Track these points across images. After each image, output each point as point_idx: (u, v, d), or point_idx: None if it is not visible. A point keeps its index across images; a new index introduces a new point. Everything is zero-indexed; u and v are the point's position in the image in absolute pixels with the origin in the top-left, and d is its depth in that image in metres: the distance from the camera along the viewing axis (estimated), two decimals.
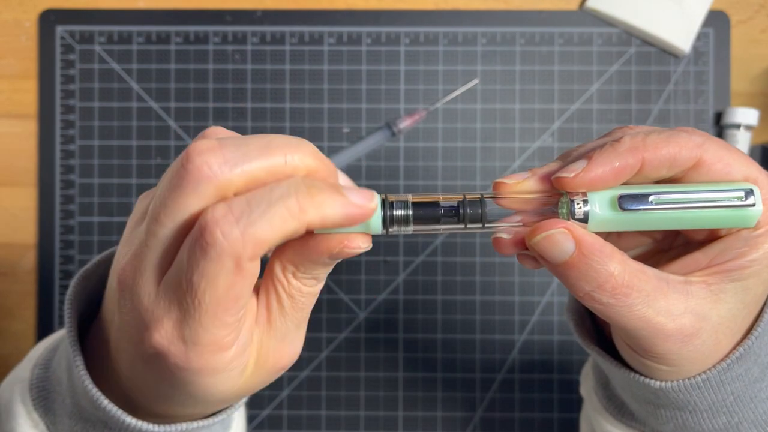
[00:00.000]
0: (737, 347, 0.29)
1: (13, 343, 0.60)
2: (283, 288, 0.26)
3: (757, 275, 0.27)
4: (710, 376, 0.29)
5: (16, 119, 0.61)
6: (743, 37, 0.60)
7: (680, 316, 0.27)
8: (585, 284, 0.26)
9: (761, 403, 0.31)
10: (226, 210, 0.22)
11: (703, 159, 0.26)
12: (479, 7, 0.61)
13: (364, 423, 0.59)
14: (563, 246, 0.25)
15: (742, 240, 0.27)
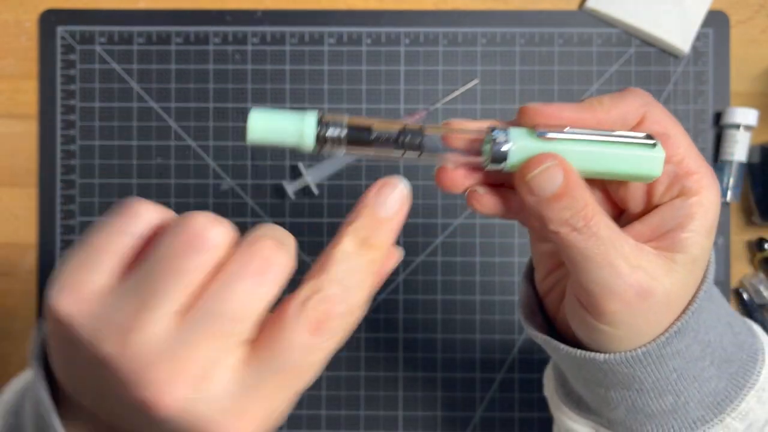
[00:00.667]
0: (676, 322, 0.30)
1: (13, 343, 0.60)
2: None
3: (699, 245, 0.29)
4: (650, 349, 0.30)
5: (17, 119, 0.61)
6: (743, 37, 0.60)
7: (637, 269, 0.28)
8: (565, 212, 0.27)
9: (705, 382, 0.31)
10: (327, 296, 0.25)
11: (645, 116, 0.29)
12: (479, 7, 0.61)
13: (364, 423, 0.59)
14: (555, 178, 0.27)
15: (677, 208, 0.29)
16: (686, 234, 0.29)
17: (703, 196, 0.29)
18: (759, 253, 0.59)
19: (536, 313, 0.35)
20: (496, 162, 0.28)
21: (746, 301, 0.59)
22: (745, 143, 0.58)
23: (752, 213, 0.59)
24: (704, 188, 0.29)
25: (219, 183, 0.60)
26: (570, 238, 0.28)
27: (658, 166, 0.28)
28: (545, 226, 0.28)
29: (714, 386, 0.32)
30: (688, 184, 0.29)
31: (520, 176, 0.28)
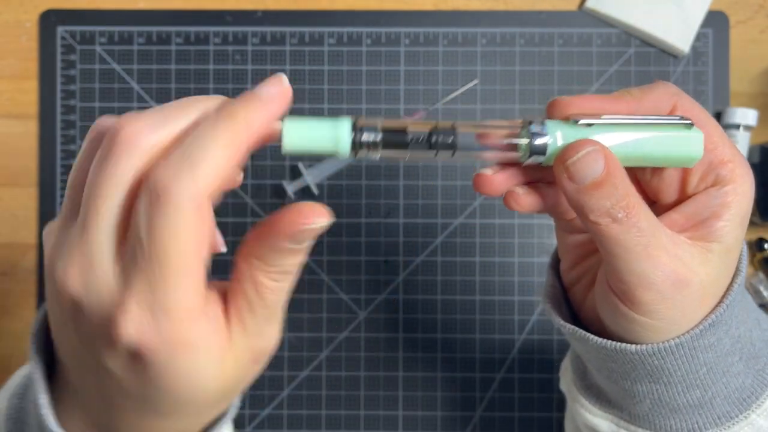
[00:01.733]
0: (710, 314, 0.30)
1: (13, 343, 0.60)
2: (253, 286, 0.25)
3: (733, 235, 0.29)
4: (683, 341, 0.29)
5: (17, 119, 0.61)
6: (742, 37, 0.60)
7: (674, 258, 0.28)
8: (606, 201, 0.27)
9: (733, 378, 0.31)
10: (167, 162, 0.23)
11: (675, 106, 0.29)
12: (479, 7, 0.61)
13: (364, 422, 0.59)
14: (596, 165, 0.27)
15: (712, 197, 0.29)
16: (722, 223, 0.28)
17: (738, 184, 0.29)
18: (759, 253, 0.59)
19: (562, 304, 0.35)
20: (535, 155, 0.28)
21: None
22: (744, 143, 0.58)
23: (752, 213, 0.59)
24: (739, 177, 0.29)
25: None
26: (610, 230, 0.27)
27: (699, 146, 0.28)
28: (584, 217, 0.28)
29: (741, 382, 0.31)
30: (723, 173, 0.29)
31: (560, 162, 0.27)
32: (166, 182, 0.22)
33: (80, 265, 0.23)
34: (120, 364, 0.24)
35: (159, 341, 0.23)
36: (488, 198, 0.60)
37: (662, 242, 0.28)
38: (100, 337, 0.24)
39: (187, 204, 0.22)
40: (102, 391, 0.26)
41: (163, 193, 0.22)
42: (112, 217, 0.23)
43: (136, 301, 0.23)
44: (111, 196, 0.23)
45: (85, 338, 0.25)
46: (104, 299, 0.23)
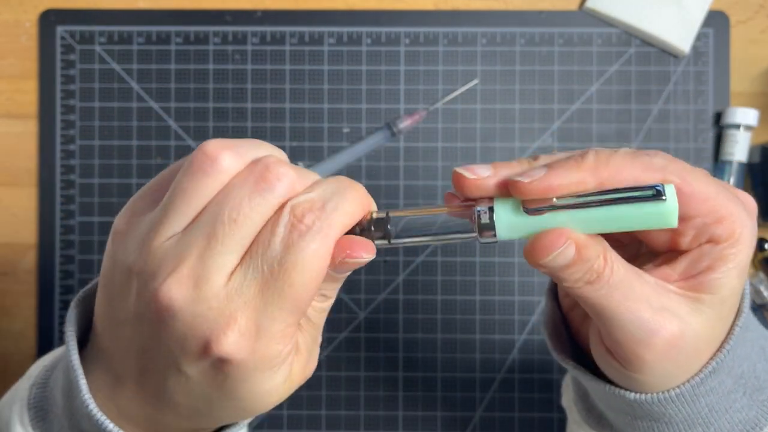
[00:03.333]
0: (710, 361, 0.29)
1: (13, 343, 0.60)
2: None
3: (729, 287, 0.28)
4: (684, 390, 0.29)
5: (17, 119, 0.61)
6: (743, 37, 0.60)
7: (661, 311, 0.27)
8: (578, 272, 0.27)
9: (736, 413, 0.31)
10: (312, 200, 0.25)
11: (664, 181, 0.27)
12: (479, 7, 0.61)
13: (364, 423, 0.59)
14: (567, 255, 0.26)
15: (707, 253, 0.28)
16: (716, 275, 0.28)
17: (735, 240, 0.28)
18: (759, 253, 0.59)
19: (561, 331, 0.35)
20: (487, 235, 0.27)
21: None
22: (745, 143, 0.58)
23: None
24: (736, 232, 0.27)
25: None
26: (585, 292, 0.27)
27: (672, 220, 0.26)
28: (566, 287, 0.28)
29: (745, 415, 0.31)
30: (719, 232, 0.27)
31: (533, 260, 0.27)
32: (309, 214, 0.25)
33: (194, 275, 0.25)
34: (201, 369, 0.25)
35: (252, 356, 0.25)
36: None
37: (643, 293, 0.27)
38: (192, 342, 0.25)
39: (324, 238, 0.25)
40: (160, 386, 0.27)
41: (308, 222, 0.24)
42: (245, 238, 0.25)
43: (247, 317, 0.24)
44: (251, 222, 0.25)
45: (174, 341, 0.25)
46: (211, 309, 0.24)
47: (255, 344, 0.25)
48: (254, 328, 0.24)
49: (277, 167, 0.25)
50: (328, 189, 0.25)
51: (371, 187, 0.65)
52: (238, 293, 0.24)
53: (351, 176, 0.59)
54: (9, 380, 0.62)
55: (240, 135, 0.60)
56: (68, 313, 0.30)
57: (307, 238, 0.24)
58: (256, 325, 0.24)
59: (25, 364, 0.59)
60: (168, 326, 0.25)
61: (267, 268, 0.24)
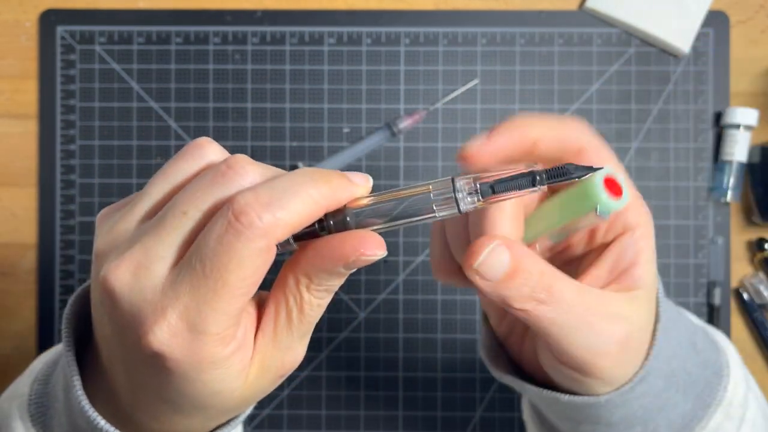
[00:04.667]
0: (638, 371, 0.30)
1: (13, 343, 0.60)
2: (295, 301, 0.26)
3: (652, 275, 0.29)
4: (612, 397, 0.30)
5: (17, 119, 0.61)
6: (743, 37, 0.60)
7: (611, 318, 0.28)
8: (524, 287, 0.27)
9: (673, 408, 0.32)
10: (256, 196, 0.23)
11: (584, 148, 0.28)
12: (479, 7, 0.61)
13: (364, 423, 0.59)
14: (502, 258, 0.26)
15: (626, 246, 0.29)
16: (641, 269, 0.29)
17: (643, 227, 0.29)
18: (759, 253, 0.59)
19: (499, 354, 0.35)
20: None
21: (746, 301, 0.59)
22: (745, 143, 0.58)
23: (752, 213, 0.59)
24: (642, 217, 0.29)
25: None
26: (538, 313, 0.27)
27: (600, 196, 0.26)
28: (510, 307, 0.27)
29: (681, 410, 0.32)
30: (629, 219, 0.28)
31: (468, 266, 0.27)
32: (249, 211, 0.23)
33: (135, 262, 0.24)
34: (144, 363, 0.25)
35: (186, 355, 0.24)
36: None
37: (594, 307, 0.27)
38: (130, 332, 0.24)
39: (262, 238, 0.23)
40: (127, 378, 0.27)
41: (245, 221, 0.23)
42: (191, 233, 0.24)
43: (178, 313, 0.23)
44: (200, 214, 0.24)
45: (117, 329, 0.25)
46: (146, 300, 0.24)
47: (189, 344, 0.24)
48: (185, 327, 0.23)
49: (241, 163, 0.25)
50: (281, 184, 0.24)
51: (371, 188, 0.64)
52: (172, 288, 0.24)
53: None
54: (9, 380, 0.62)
55: (240, 135, 0.60)
56: (66, 308, 0.30)
57: (243, 237, 0.23)
58: (188, 323, 0.23)
59: (25, 364, 0.59)
60: (113, 312, 0.25)
61: (200, 266, 0.23)
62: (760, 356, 0.60)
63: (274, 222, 0.23)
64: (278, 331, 0.26)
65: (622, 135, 0.60)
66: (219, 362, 0.24)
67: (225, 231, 0.23)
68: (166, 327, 0.23)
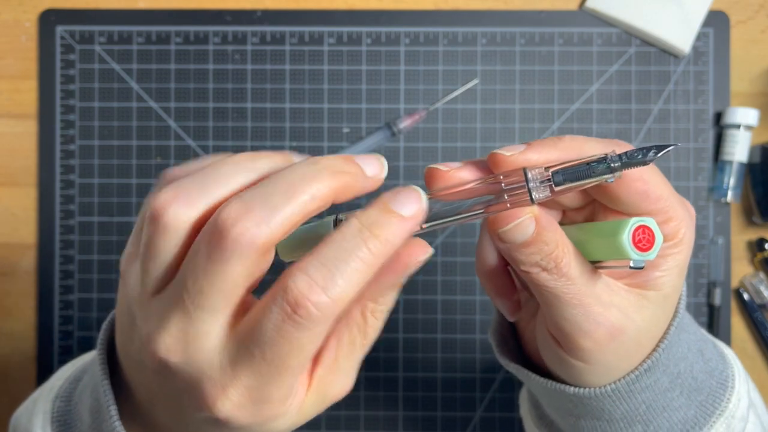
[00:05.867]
0: (646, 359, 0.30)
1: (13, 343, 0.60)
2: (359, 329, 0.26)
3: (672, 284, 0.29)
4: (620, 386, 0.30)
5: (16, 119, 0.61)
6: (743, 37, 0.60)
7: (609, 307, 0.28)
8: (536, 254, 0.27)
9: (674, 411, 0.32)
10: (309, 284, 0.23)
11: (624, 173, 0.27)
12: (479, 7, 0.61)
13: (364, 423, 0.59)
14: (527, 229, 0.27)
15: None
16: (659, 273, 0.29)
17: (679, 240, 0.29)
18: (759, 253, 0.59)
19: (508, 339, 0.36)
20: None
21: (746, 301, 0.59)
22: (745, 143, 0.58)
23: (752, 213, 0.59)
24: (681, 233, 0.29)
25: None
26: (540, 278, 0.27)
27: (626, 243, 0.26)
28: (516, 266, 0.28)
29: (683, 415, 0.32)
30: (665, 231, 0.28)
31: (492, 228, 0.27)
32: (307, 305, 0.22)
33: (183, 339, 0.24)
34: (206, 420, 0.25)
35: (250, 420, 0.24)
36: None
37: (595, 291, 0.28)
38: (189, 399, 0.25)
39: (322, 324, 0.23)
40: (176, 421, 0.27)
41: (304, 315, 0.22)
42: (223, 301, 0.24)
43: (240, 393, 0.24)
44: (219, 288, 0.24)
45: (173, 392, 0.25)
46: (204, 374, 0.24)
47: (253, 413, 0.24)
48: (249, 401, 0.24)
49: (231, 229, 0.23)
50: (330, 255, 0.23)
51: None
52: (232, 368, 0.24)
53: None
54: (9, 380, 0.62)
55: (240, 135, 0.60)
56: (100, 333, 0.30)
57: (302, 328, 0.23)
58: (251, 398, 0.24)
59: (25, 364, 0.60)
60: (168, 380, 0.25)
61: (259, 353, 0.23)
62: (760, 356, 0.60)
63: (331, 305, 0.23)
64: (339, 361, 0.26)
65: (622, 135, 0.60)
66: (280, 416, 0.25)
67: (282, 322, 0.23)
68: (229, 403, 0.24)
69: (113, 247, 0.60)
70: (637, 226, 0.26)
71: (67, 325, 0.60)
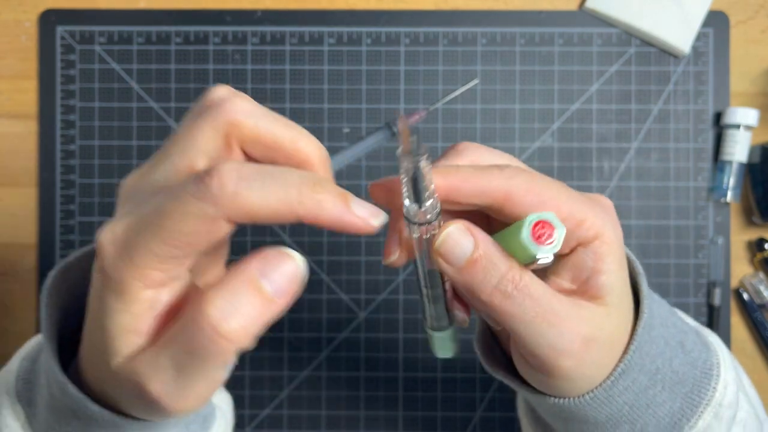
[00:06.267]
0: (618, 363, 0.30)
1: (13, 343, 0.60)
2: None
3: (619, 279, 0.29)
4: (597, 393, 0.30)
5: (17, 119, 0.61)
6: (743, 37, 0.60)
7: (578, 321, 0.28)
8: (491, 278, 0.27)
9: (659, 407, 0.32)
10: (234, 168, 0.23)
11: (510, 192, 0.28)
12: (479, 7, 0.61)
13: (364, 423, 0.59)
14: (464, 241, 0.27)
15: (583, 256, 0.29)
16: (604, 276, 0.28)
17: (601, 237, 0.28)
18: (759, 253, 0.59)
19: (494, 347, 0.36)
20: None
21: (746, 301, 0.59)
22: (745, 143, 0.58)
23: (752, 213, 0.59)
24: (599, 229, 0.28)
25: None
26: (504, 306, 0.27)
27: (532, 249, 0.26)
28: (477, 299, 0.27)
29: (668, 408, 0.32)
30: (582, 234, 0.28)
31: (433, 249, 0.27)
32: (213, 179, 0.23)
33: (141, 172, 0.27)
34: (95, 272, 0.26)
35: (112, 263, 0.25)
36: None
37: (559, 307, 0.27)
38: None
39: (208, 208, 0.23)
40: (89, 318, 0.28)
41: (206, 184, 0.23)
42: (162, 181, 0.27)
43: (122, 228, 0.25)
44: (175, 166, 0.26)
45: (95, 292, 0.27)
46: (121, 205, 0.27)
47: (116, 257, 0.24)
48: (122, 240, 0.24)
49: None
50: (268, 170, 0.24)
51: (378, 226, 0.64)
52: (137, 208, 0.25)
53: (351, 176, 0.59)
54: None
55: None
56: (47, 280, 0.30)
57: (197, 194, 0.23)
58: (125, 241, 0.24)
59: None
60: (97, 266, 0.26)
61: (158, 198, 0.24)
62: (760, 356, 0.60)
63: (231, 196, 0.23)
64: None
65: (622, 135, 0.60)
66: (127, 293, 0.24)
67: (189, 181, 0.23)
68: (110, 232, 0.25)
69: None
70: (536, 222, 0.26)
71: None
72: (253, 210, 0.23)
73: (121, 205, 0.27)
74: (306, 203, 0.24)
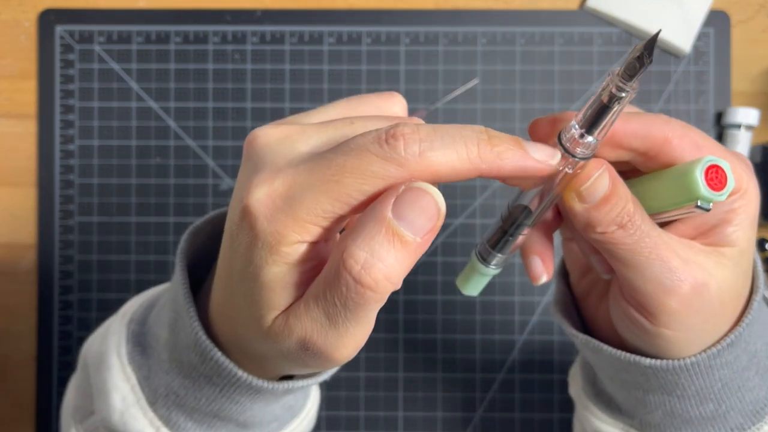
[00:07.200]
0: (729, 334, 0.29)
1: (13, 343, 0.60)
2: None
3: (745, 238, 0.28)
4: (700, 359, 0.29)
5: (16, 119, 0.61)
6: (743, 37, 0.60)
7: (689, 262, 0.27)
8: (613, 210, 0.27)
9: (749, 392, 0.31)
10: (415, 129, 0.23)
11: (669, 137, 0.28)
12: (479, 7, 0.61)
13: (364, 423, 0.59)
14: (604, 182, 0.27)
15: (721, 206, 0.28)
16: (732, 228, 0.28)
17: (743, 192, 0.28)
18: (760, 253, 0.59)
19: (572, 312, 0.35)
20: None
21: None
22: (746, 143, 0.58)
23: None
24: (744, 185, 0.28)
25: (218, 183, 0.60)
26: (617, 237, 0.27)
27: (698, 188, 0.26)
28: (592, 230, 0.27)
29: (756, 395, 0.31)
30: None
31: (572, 188, 0.27)
32: (399, 139, 0.23)
33: (286, 131, 0.26)
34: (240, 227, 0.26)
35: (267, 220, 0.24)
36: (488, 198, 0.60)
37: (671, 244, 0.27)
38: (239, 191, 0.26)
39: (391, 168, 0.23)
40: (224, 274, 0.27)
41: (391, 145, 0.23)
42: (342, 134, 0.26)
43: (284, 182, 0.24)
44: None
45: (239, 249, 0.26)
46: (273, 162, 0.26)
47: (275, 211, 0.24)
48: (283, 195, 0.23)
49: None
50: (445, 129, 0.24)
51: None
52: (301, 163, 0.24)
53: None
54: (9, 380, 0.62)
55: (240, 135, 0.60)
56: (180, 244, 0.30)
57: (381, 152, 0.23)
58: (287, 195, 0.23)
59: (25, 364, 0.60)
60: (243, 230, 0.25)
61: (331, 155, 0.24)
62: None
63: (416, 157, 0.23)
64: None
65: None
66: (283, 246, 0.24)
67: (372, 138, 0.23)
68: (268, 186, 0.24)
69: (113, 247, 0.60)
70: (710, 165, 0.26)
71: (67, 325, 0.60)
72: (438, 170, 0.23)
73: (261, 160, 0.25)
74: (487, 158, 0.24)
